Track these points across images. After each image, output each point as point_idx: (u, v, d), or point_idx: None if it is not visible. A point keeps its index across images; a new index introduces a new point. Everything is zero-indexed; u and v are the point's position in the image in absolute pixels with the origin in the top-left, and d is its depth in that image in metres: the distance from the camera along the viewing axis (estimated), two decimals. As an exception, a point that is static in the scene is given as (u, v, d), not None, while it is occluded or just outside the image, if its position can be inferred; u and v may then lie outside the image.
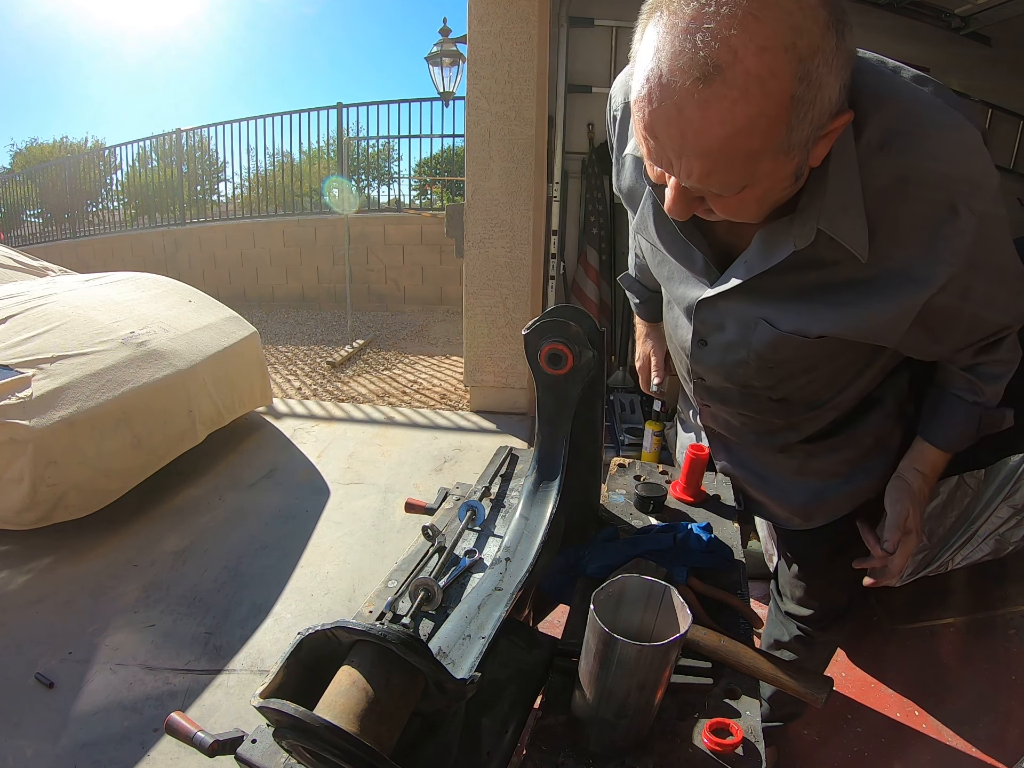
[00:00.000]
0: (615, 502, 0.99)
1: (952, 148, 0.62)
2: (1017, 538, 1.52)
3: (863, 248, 0.65)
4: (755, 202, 0.61)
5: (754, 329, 0.78)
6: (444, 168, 8.67)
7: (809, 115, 0.51)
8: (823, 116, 0.53)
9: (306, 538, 2.20)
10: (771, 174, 0.56)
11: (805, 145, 0.54)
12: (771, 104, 0.49)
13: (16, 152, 17.69)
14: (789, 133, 0.52)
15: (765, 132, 0.51)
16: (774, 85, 0.48)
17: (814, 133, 0.54)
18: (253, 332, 3.00)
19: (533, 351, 0.78)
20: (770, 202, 0.63)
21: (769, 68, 0.47)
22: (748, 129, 0.50)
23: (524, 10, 2.70)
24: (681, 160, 0.55)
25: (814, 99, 0.50)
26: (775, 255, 0.69)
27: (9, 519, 1.97)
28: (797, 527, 1.05)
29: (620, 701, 0.55)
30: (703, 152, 0.53)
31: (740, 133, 0.50)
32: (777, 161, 0.55)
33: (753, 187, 0.58)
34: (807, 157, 0.57)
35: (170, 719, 0.59)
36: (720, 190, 0.58)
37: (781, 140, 0.52)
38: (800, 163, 0.57)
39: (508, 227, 3.00)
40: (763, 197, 0.60)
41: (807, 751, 1.47)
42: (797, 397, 0.88)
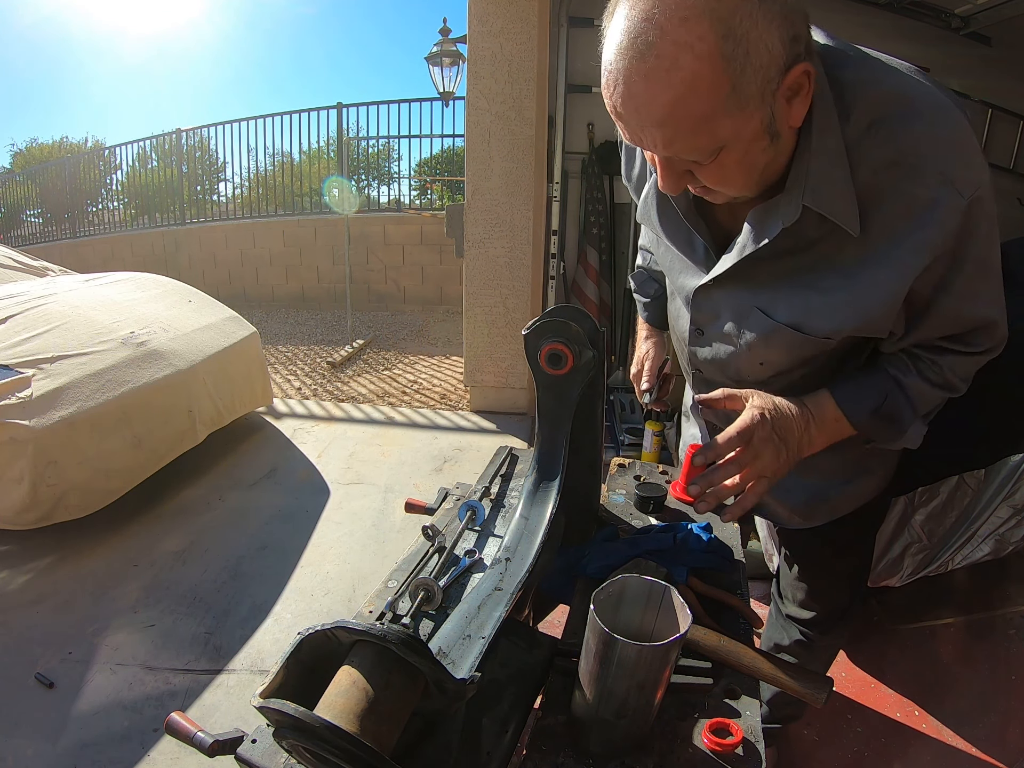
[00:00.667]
0: (615, 502, 0.99)
1: (941, 132, 0.64)
2: (1017, 538, 1.52)
3: (853, 222, 0.66)
4: (736, 166, 0.63)
5: (748, 318, 0.78)
6: (444, 168, 8.67)
7: (747, 69, 0.55)
8: (767, 68, 0.56)
9: (306, 538, 2.20)
10: (737, 133, 0.59)
11: (761, 98, 0.57)
12: (704, 65, 0.53)
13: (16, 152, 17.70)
14: (733, 89, 0.55)
15: (708, 92, 0.55)
16: (702, 48, 0.53)
17: (766, 87, 0.57)
18: (253, 332, 3.00)
19: (533, 351, 0.78)
20: (754, 166, 0.64)
21: (694, 34, 0.52)
22: (690, 92, 0.55)
23: (524, 10, 2.70)
24: (644, 133, 0.60)
25: (746, 53, 0.54)
26: (765, 234, 0.70)
27: (9, 519, 1.97)
28: (797, 526, 1.05)
29: (620, 701, 0.55)
30: (658, 122, 0.58)
31: (684, 98, 0.55)
32: (735, 118, 0.58)
33: (728, 150, 0.61)
34: (771, 113, 0.59)
35: (170, 719, 0.59)
36: (692, 155, 0.61)
37: (728, 96, 0.55)
38: (765, 119, 0.59)
39: (508, 227, 3.00)
40: (743, 160, 0.62)
41: (807, 751, 1.47)
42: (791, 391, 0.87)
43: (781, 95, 0.59)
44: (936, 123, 0.63)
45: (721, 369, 0.88)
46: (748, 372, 0.85)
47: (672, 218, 0.82)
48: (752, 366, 0.83)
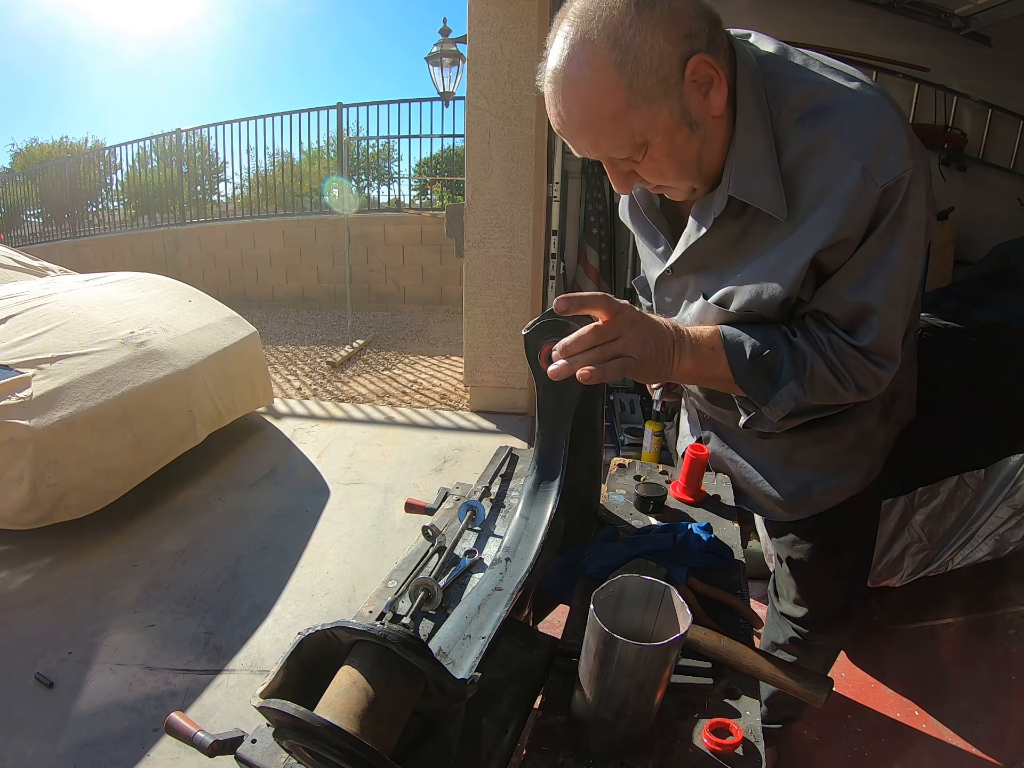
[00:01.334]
0: (615, 502, 0.99)
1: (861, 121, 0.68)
2: (1017, 538, 1.52)
3: (779, 207, 0.71)
4: (666, 158, 0.70)
5: (692, 301, 0.85)
6: (444, 168, 8.67)
7: (639, 70, 0.63)
8: (660, 66, 0.64)
9: (306, 538, 2.20)
10: (651, 125, 0.66)
11: (664, 92, 0.65)
12: (599, 75, 0.63)
13: (16, 152, 17.72)
14: (631, 88, 0.63)
15: (609, 95, 0.64)
16: (597, 62, 0.63)
17: (665, 81, 0.64)
18: (253, 332, 3.00)
19: (533, 351, 0.78)
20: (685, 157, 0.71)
21: (590, 52, 0.63)
22: (596, 99, 0.64)
23: (524, 10, 2.70)
24: (578, 142, 0.70)
25: (636, 57, 0.62)
26: (703, 225, 0.78)
27: (9, 519, 1.97)
28: (781, 518, 1.06)
29: (620, 701, 0.55)
30: (580, 129, 0.68)
31: (592, 104, 0.65)
32: (643, 114, 0.65)
33: (653, 145, 0.68)
34: (682, 105, 0.66)
35: (170, 719, 0.59)
36: (622, 153, 0.69)
37: (628, 96, 0.64)
38: (676, 110, 0.66)
39: (508, 227, 3.00)
40: (671, 151, 0.69)
41: (807, 751, 1.47)
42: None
43: (689, 87, 0.66)
44: (858, 113, 0.68)
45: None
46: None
47: (640, 216, 0.91)
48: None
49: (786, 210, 0.71)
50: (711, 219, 0.76)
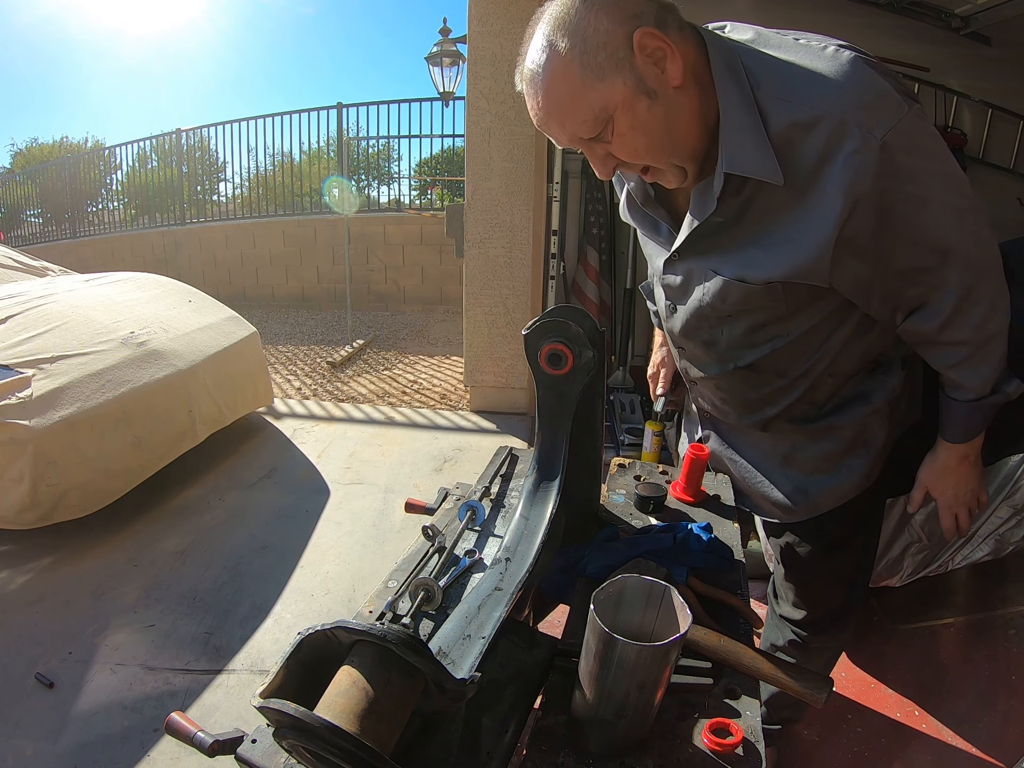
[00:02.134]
0: (615, 502, 0.99)
1: (837, 84, 0.69)
2: (1017, 538, 1.52)
3: (774, 173, 0.72)
4: (632, 131, 0.72)
5: (705, 280, 0.85)
6: (444, 168, 8.68)
7: (588, 48, 0.67)
8: (607, 44, 0.67)
9: (306, 538, 2.20)
10: (608, 99, 0.69)
11: (615, 66, 0.68)
12: (554, 60, 0.69)
13: (16, 152, 17.70)
14: (583, 67, 0.68)
15: (564, 77, 0.69)
16: (551, 52, 0.69)
17: (614, 56, 0.68)
18: (253, 332, 3.00)
19: (533, 351, 0.78)
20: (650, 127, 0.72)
21: (546, 45, 0.69)
22: (554, 83, 0.70)
23: (524, 10, 2.70)
24: (550, 129, 0.75)
25: (584, 38, 0.67)
26: (706, 207, 0.78)
27: (9, 519, 1.96)
28: (778, 520, 1.06)
29: (620, 701, 0.55)
30: (548, 115, 0.73)
31: (551, 89, 0.70)
32: (598, 89, 0.69)
33: (616, 118, 0.71)
34: (637, 75, 0.69)
35: (170, 719, 0.59)
36: (587, 131, 0.72)
37: (581, 74, 0.68)
38: (630, 80, 0.69)
39: (508, 227, 3.00)
40: (635, 123, 0.71)
41: (807, 751, 1.47)
42: (763, 365, 0.91)
43: (642, 61, 0.68)
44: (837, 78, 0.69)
45: (696, 337, 0.95)
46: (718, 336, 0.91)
47: (639, 209, 0.92)
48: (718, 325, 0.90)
49: (781, 175, 0.71)
50: (714, 200, 0.77)
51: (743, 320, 0.87)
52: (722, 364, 0.95)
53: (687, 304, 0.91)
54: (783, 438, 1.00)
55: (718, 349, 0.93)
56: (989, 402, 0.86)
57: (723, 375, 0.96)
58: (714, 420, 1.08)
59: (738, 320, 0.87)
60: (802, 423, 0.97)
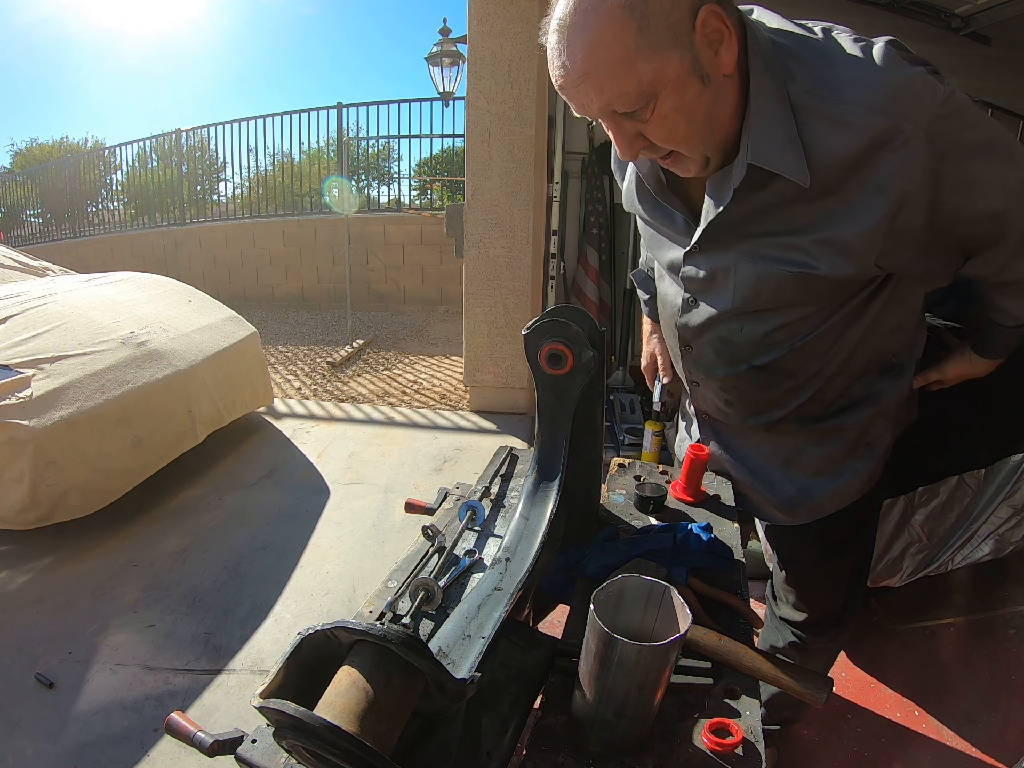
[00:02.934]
0: (615, 502, 0.99)
1: (873, 79, 0.66)
2: (1017, 538, 1.52)
3: (802, 174, 0.69)
4: (675, 113, 0.67)
5: (735, 270, 0.82)
6: (444, 168, 8.68)
7: (650, 15, 0.61)
8: (670, 13, 0.62)
9: (306, 538, 2.20)
10: (660, 74, 0.64)
11: (675, 40, 0.63)
12: (607, 20, 0.61)
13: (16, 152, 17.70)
14: (640, 32, 0.62)
15: (617, 37, 0.62)
16: (605, 6, 0.61)
17: (676, 29, 0.63)
18: (253, 332, 3.00)
19: (533, 351, 0.78)
20: (694, 113, 0.68)
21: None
22: (603, 42, 0.62)
23: (524, 10, 2.70)
24: (580, 93, 0.67)
25: (646, 2, 0.61)
26: (723, 198, 0.76)
27: (9, 519, 1.97)
28: (780, 523, 1.06)
29: (620, 701, 0.55)
30: (582, 76, 0.64)
31: (598, 48, 0.62)
32: (652, 61, 0.63)
33: (662, 97, 0.66)
34: (693, 54, 0.64)
35: (170, 719, 0.59)
36: (626, 104, 0.66)
37: (636, 40, 0.62)
38: (687, 60, 0.64)
39: (508, 227, 3.00)
40: (680, 106, 0.67)
41: (807, 751, 1.47)
42: (777, 365, 0.90)
43: (700, 40, 0.64)
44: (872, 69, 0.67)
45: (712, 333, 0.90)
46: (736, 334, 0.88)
47: (650, 198, 0.88)
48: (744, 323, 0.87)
49: (808, 175, 0.69)
50: (731, 191, 0.74)
51: (768, 317, 0.85)
52: (734, 365, 0.92)
53: (713, 297, 0.87)
54: (786, 440, 0.99)
55: (732, 348, 0.90)
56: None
57: (732, 376, 0.93)
58: (714, 423, 1.06)
59: (762, 317, 0.85)
60: (808, 423, 0.96)
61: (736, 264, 0.81)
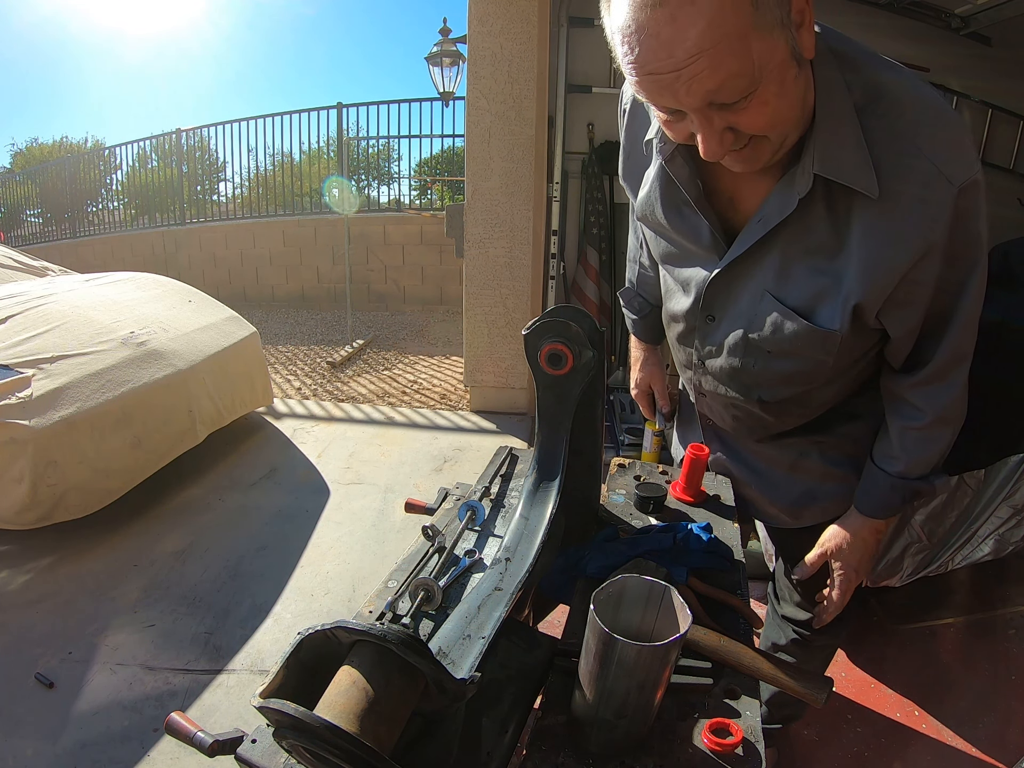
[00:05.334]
0: (615, 502, 0.99)
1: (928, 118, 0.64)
2: (1017, 538, 1.52)
3: (871, 184, 0.65)
4: (777, 99, 0.61)
5: (760, 302, 0.79)
6: (444, 168, 8.67)
7: None
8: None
9: (306, 538, 2.20)
10: (770, 56, 0.58)
11: (781, 21, 0.57)
12: None
13: (16, 152, 17.72)
14: (756, 8, 0.55)
15: (735, 11, 0.54)
16: None
17: (781, 7, 0.57)
18: (253, 332, 3.00)
19: (533, 351, 0.78)
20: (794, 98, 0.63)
21: None
22: (720, 15, 0.54)
23: (524, 10, 2.70)
24: (681, 78, 0.57)
25: None
26: (786, 208, 0.71)
27: (9, 519, 1.96)
28: (785, 525, 1.05)
29: (620, 701, 0.55)
30: (696, 53, 0.55)
31: (716, 20, 0.54)
32: (764, 40, 0.57)
33: (766, 83, 0.59)
34: (794, 39, 0.59)
35: (170, 719, 0.59)
36: (737, 89, 0.58)
37: (755, 16, 0.55)
38: (789, 42, 0.59)
39: (508, 227, 3.00)
40: (781, 91, 0.61)
41: (807, 751, 1.47)
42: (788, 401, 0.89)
43: (795, 20, 0.59)
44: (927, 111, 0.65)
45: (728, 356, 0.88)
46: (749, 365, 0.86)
47: (677, 209, 0.82)
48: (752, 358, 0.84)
49: (877, 186, 0.65)
50: (793, 203, 0.69)
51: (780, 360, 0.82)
52: (745, 391, 0.90)
53: (733, 319, 0.84)
54: (791, 447, 0.99)
55: (744, 377, 0.88)
56: (914, 486, 0.86)
57: (741, 401, 0.92)
58: (718, 430, 1.06)
59: (776, 358, 0.82)
60: (813, 433, 0.96)
61: (761, 297, 0.78)
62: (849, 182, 0.66)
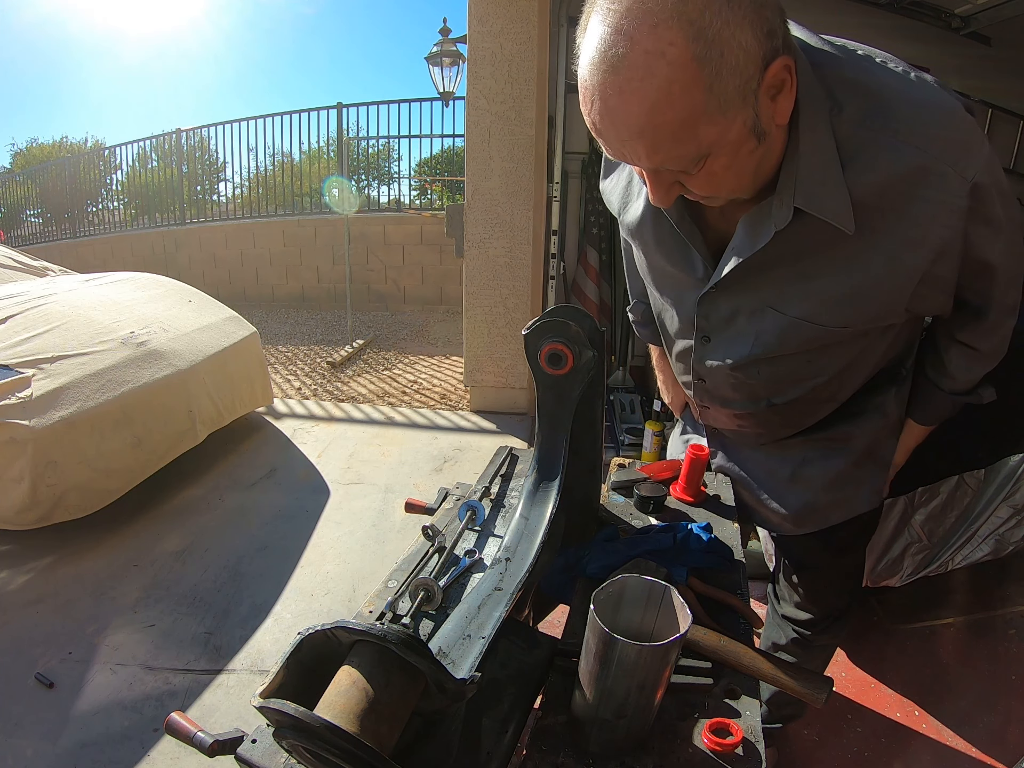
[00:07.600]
0: (615, 502, 0.99)
1: (933, 119, 0.63)
2: (1017, 538, 1.52)
3: (847, 220, 0.65)
4: (725, 171, 0.61)
5: (761, 318, 0.78)
6: (444, 168, 8.67)
7: (723, 70, 0.52)
8: (744, 68, 0.53)
9: (306, 538, 2.20)
10: (721, 137, 0.57)
11: (742, 99, 0.55)
12: (676, 71, 0.51)
13: (16, 152, 17.70)
14: (710, 91, 0.53)
15: (683, 97, 0.52)
16: (673, 53, 0.51)
17: (745, 86, 0.54)
18: (253, 332, 3.00)
19: (533, 351, 0.78)
20: (744, 170, 0.63)
21: (664, 40, 0.50)
22: (666, 100, 0.53)
23: (524, 10, 2.70)
24: (626, 147, 0.58)
25: (721, 54, 0.52)
26: (759, 239, 0.70)
27: (9, 519, 1.96)
28: (788, 532, 1.06)
29: (620, 701, 0.55)
30: (637, 133, 0.55)
31: (659, 106, 0.53)
32: (716, 123, 0.55)
33: (715, 156, 0.58)
34: (756, 112, 0.57)
35: (170, 719, 0.59)
36: (678, 165, 0.59)
37: (705, 100, 0.53)
38: (749, 120, 0.57)
39: (508, 227, 3.00)
40: (731, 164, 0.60)
41: (807, 751, 1.47)
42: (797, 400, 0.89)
43: (764, 93, 0.56)
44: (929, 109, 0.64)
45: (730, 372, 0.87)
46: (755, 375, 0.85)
47: (665, 229, 0.81)
48: (759, 368, 0.84)
49: (853, 223, 0.65)
50: (770, 234, 0.68)
51: (788, 361, 0.81)
52: (752, 401, 0.90)
53: (730, 339, 0.83)
54: (793, 452, 0.99)
55: (750, 387, 0.87)
56: (965, 399, 0.91)
57: (749, 410, 0.92)
58: (721, 436, 1.06)
59: (783, 360, 0.81)
60: (816, 432, 0.96)
61: (764, 311, 0.77)
62: (828, 218, 0.65)
